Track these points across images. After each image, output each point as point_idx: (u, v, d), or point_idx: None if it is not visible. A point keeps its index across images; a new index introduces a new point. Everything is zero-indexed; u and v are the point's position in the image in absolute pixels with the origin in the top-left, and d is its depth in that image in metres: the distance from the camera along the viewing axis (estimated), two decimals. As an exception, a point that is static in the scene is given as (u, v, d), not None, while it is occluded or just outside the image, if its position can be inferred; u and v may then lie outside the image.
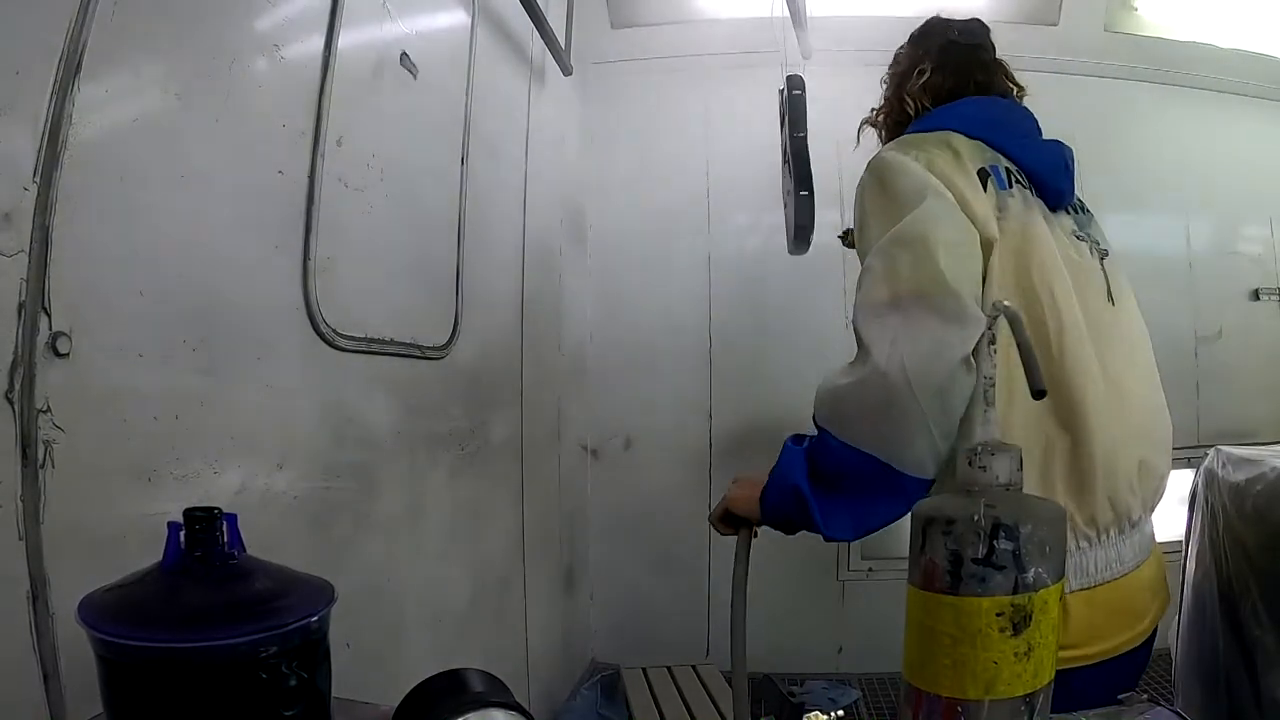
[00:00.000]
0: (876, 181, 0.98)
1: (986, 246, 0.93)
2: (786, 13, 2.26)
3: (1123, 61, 2.96)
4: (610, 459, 2.93)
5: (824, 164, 2.22)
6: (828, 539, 0.92)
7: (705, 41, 2.93)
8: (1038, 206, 1.01)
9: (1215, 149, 2.99)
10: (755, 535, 1.03)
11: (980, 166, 0.99)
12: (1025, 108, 1.16)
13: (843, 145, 2.51)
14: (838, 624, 2.85)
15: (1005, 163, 1.02)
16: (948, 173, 0.95)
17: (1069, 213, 1.10)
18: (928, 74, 1.14)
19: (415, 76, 1.44)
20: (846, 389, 0.89)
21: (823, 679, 2.65)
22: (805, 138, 2.09)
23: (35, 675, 0.80)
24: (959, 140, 1.01)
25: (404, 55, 1.45)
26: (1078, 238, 1.06)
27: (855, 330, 0.91)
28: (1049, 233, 0.98)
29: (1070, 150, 1.12)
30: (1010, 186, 0.99)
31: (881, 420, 0.86)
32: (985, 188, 0.97)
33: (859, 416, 0.88)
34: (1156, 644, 1.06)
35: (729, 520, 1.04)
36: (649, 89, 2.97)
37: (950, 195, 0.93)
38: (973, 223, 0.92)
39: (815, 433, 0.93)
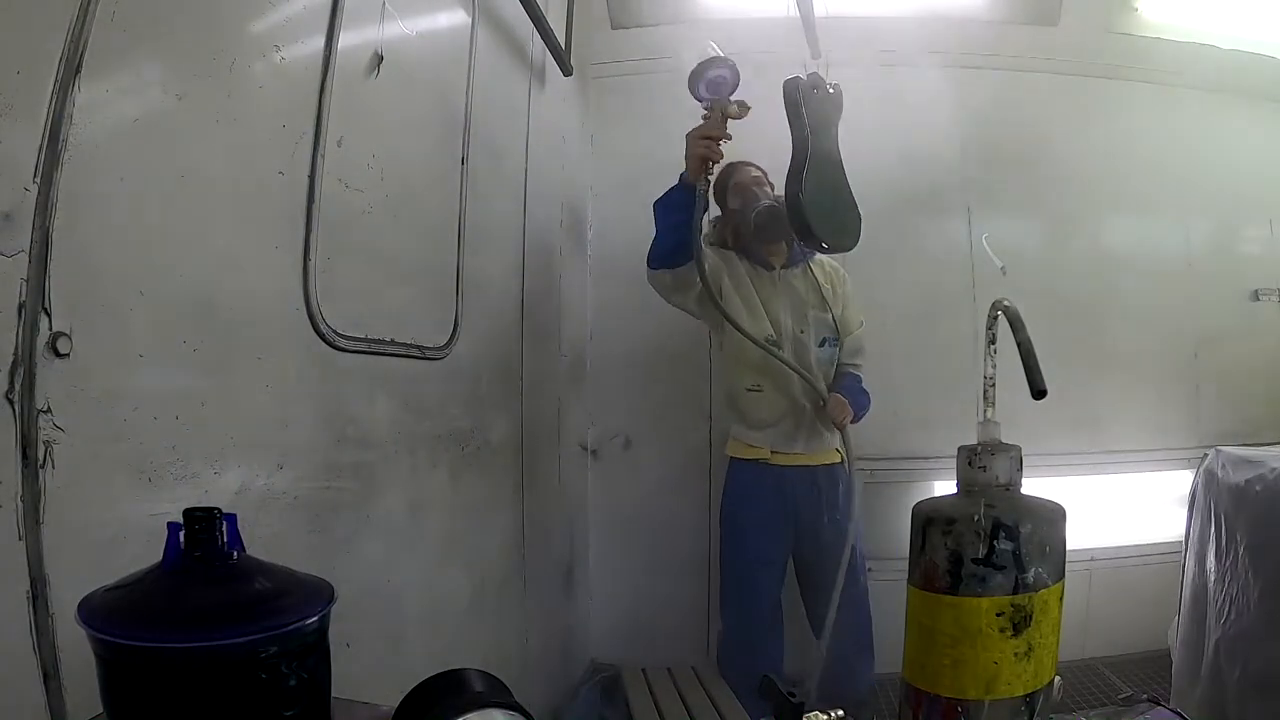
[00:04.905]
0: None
1: None
2: (796, 13, 2.26)
3: (1123, 61, 2.96)
4: (610, 459, 2.92)
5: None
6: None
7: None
8: None
9: (1215, 149, 2.99)
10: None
11: None
12: None
13: (843, 143, 2.54)
14: (838, 624, 2.83)
15: None
16: None
17: None
18: None
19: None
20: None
21: (823, 679, 2.65)
22: (806, 137, 2.10)
23: (35, 675, 0.80)
24: None
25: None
26: None
27: (861, 344, 2.37)
28: None
29: None
30: None
31: None
32: None
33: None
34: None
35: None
36: (650, 89, 2.96)
37: None
38: None
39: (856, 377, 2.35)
